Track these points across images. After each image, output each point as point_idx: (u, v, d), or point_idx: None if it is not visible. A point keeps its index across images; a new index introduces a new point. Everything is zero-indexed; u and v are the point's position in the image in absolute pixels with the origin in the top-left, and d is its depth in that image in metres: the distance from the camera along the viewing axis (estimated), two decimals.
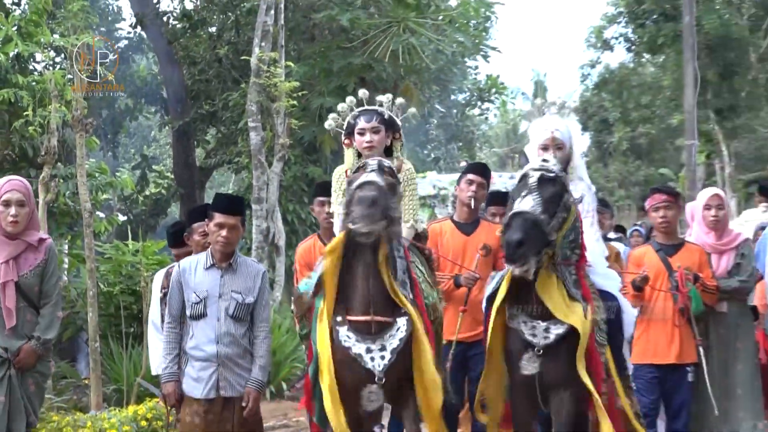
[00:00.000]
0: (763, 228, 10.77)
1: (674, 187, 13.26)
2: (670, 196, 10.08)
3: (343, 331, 7.07)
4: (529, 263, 6.87)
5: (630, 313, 8.34)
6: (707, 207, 9.65)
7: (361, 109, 7.99)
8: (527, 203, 6.92)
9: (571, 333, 7.11)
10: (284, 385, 14.87)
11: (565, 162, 7.96)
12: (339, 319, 7.11)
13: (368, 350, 7.01)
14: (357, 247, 7.05)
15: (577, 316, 7.16)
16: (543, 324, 7.17)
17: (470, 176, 9.70)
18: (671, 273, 9.47)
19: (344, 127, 8.03)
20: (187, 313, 7.87)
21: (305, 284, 8.01)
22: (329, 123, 8.20)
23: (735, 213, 22.80)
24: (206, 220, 8.20)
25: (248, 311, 7.94)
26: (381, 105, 8.01)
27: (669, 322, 9.48)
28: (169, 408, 8.10)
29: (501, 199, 10.44)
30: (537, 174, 7.10)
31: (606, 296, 7.71)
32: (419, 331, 7.08)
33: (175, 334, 7.93)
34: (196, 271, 7.95)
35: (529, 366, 7.17)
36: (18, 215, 7.83)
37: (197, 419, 7.76)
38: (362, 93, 8.16)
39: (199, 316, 7.81)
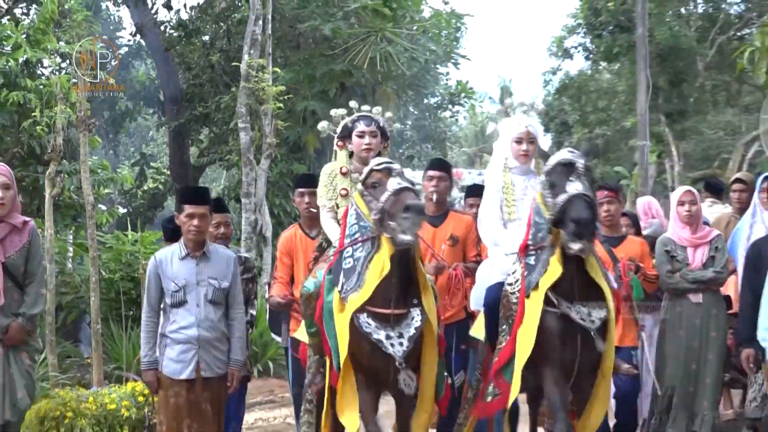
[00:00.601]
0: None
1: (619, 183, 13.23)
2: (611, 192, 10.09)
3: (363, 318, 7.05)
4: (589, 241, 6.94)
5: None
6: (681, 203, 9.62)
7: (359, 114, 8.03)
8: (581, 186, 6.87)
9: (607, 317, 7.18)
10: (270, 365, 14.88)
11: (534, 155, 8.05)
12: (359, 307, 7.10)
13: (388, 337, 7.01)
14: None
15: (610, 299, 7.21)
16: (584, 308, 7.14)
17: (430, 173, 9.63)
18: (615, 263, 9.42)
19: (339, 131, 8.05)
20: (168, 301, 7.82)
21: (313, 284, 8.00)
22: (323, 126, 8.23)
23: None
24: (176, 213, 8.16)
25: (224, 295, 7.90)
26: (371, 113, 8.09)
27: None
28: (150, 394, 8.08)
29: (479, 192, 10.58)
30: (582, 160, 7.06)
31: None
32: (431, 322, 7.12)
33: (153, 323, 7.89)
34: (172, 261, 7.89)
35: (599, 344, 7.12)
36: (4, 198, 7.69)
37: (180, 399, 7.73)
38: (353, 103, 8.24)
39: (180, 304, 7.77)
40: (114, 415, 8.11)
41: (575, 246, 6.86)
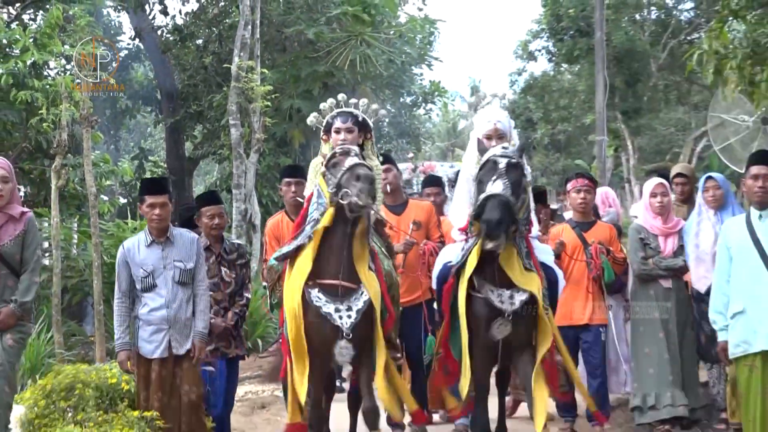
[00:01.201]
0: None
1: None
2: (591, 182, 10.13)
3: (314, 293, 7.07)
4: (501, 239, 6.89)
5: (561, 282, 8.41)
6: (653, 195, 9.57)
7: (338, 111, 8.01)
8: (498, 186, 6.90)
9: (530, 299, 7.17)
10: (259, 342, 14.90)
11: None
12: (310, 282, 7.10)
13: (337, 310, 7.04)
14: (338, 222, 7.07)
15: (534, 283, 7.21)
16: (507, 292, 7.16)
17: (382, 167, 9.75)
18: (586, 246, 9.52)
19: (323, 125, 8.06)
20: (138, 286, 7.83)
21: (276, 257, 8.04)
22: (311, 120, 8.21)
23: (638, 196, 22.89)
24: (139, 203, 8.14)
25: (191, 276, 7.90)
26: (356, 107, 8.07)
27: (583, 289, 9.54)
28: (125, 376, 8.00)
29: (434, 182, 10.60)
30: (504, 160, 7.07)
31: (545, 267, 7.74)
32: (375, 297, 7.12)
33: (125, 307, 7.88)
34: (139, 249, 7.89)
35: (503, 330, 7.16)
36: (2, 190, 7.59)
37: (153, 375, 7.74)
38: (341, 96, 8.20)
39: (150, 288, 7.79)
40: (114, 389, 8.09)
41: (488, 244, 6.93)
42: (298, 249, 7.30)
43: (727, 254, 7.94)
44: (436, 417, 9.96)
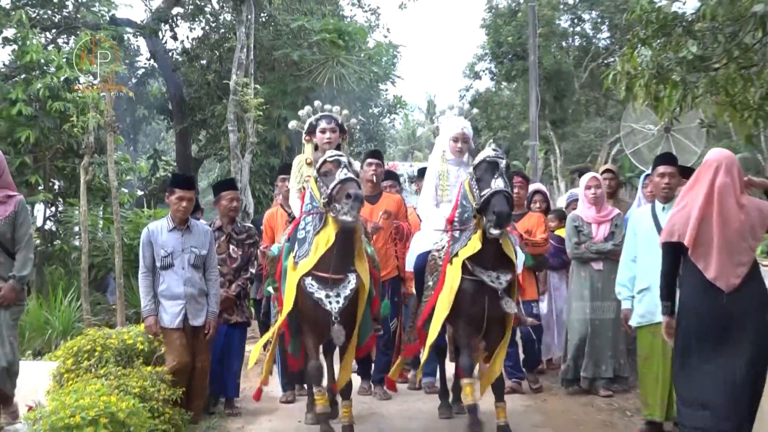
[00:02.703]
0: (574, 198, 10.77)
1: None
2: (523, 179, 10.12)
3: (309, 281, 7.05)
4: (506, 228, 6.95)
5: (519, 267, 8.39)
6: (588, 187, 9.45)
7: (321, 114, 7.99)
8: (501, 183, 6.86)
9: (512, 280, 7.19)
10: (252, 310, 14.75)
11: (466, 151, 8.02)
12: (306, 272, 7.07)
13: (327, 296, 7.01)
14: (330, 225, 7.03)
15: (513, 267, 7.25)
16: (495, 273, 7.11)
17: (369, 160, 9.72)
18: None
19: (306, 127, 8.02)
20: (158, 264, 7.84)
21: (276, 249, 8.00)
22: (292, 125, 8.21)
23: (563, 191, 22.97)
24: (166, 193, 8.12)
25: (203, 260, 7.93)
26: (332, 112, 8.04)
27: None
28: (151, 336, 7.97)
29: (391, 176, 10.68)
30: (503, 161, 7.05)
31: None
32: (364, 285, 7.13)
33: (149, 280, 7.87)
34: (162, 232, 7.90)
35: (509, 305, 7.11)
36: None
37: (176, 342, 7.77)
38: (317, 103, 8.18)
39: (168, 266, 7.82)
40: (131, 348, 8.04)
41: (495, 232, 6.87)
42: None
43: (634, 239, 8.05)
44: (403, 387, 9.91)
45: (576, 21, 31.14)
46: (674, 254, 6.14)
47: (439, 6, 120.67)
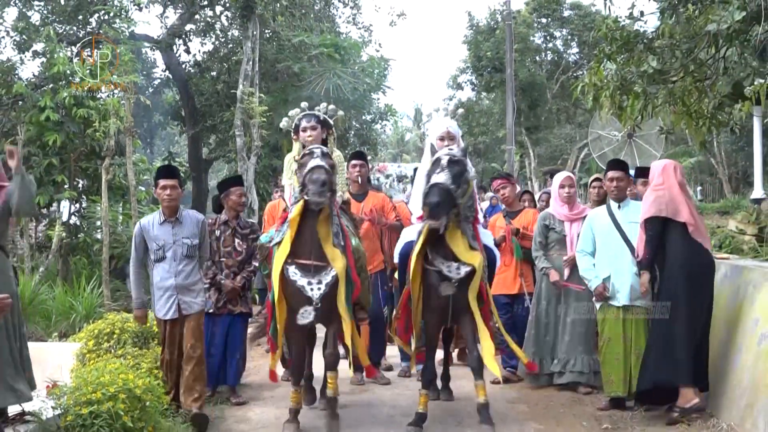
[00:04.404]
0: (547, 193, 10.69)
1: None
2: (506, 179, 10.04)
3: (291, 269, 6.90)
4: (441, 219, 6.68)
5: (498, 262, 8.30)
6: (561, 186, 8.96)
7: (303, 114, 7.90)
8: (441, 177, 6.72)
9: (472, 272, 6.96)
10: (256, 296, 14.74)
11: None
12: (289, 260, 6.93)
13: (309, 283, 6.85)
14: (308, 211, 6.90)
15: (476, 259, 6.99)
16: (455, 264, 6.94)
17: (353, 161, 9.63)
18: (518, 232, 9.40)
19: (293, 127, 7.94)
20: (151, 257, 7.51)
21: (266, 237, 7.96)
22: (283, 123, 8.07)
23: (537, 190, 23.06)
24: (156, 182, 7.68)
25: (195, 250, 7.55)
26: (319, 110, 7.97)
27: (514, 265, 9.39)
28: (141, 326, 7.84)
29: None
30: (447, 157, 6.90)
31: (487, 249, 7.53)
32: (342, 272, 6.91)
33: (140, 273, 7.60)
34: (153, 226, 7.54)
35: (448, 289, 6.94)
36: None
37: (168, 331, 7.52)
38: (304, 104, 8.09)
39: (161, 259, 7.46)
40: (147, 331, 8.03)
41: (430, 223, 6.76)
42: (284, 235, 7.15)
43: (591, 234, 8.17)
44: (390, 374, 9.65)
45: (548, 38, 31.24)
46: (661, 225, 7.23)
47: (426, 24, 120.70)
